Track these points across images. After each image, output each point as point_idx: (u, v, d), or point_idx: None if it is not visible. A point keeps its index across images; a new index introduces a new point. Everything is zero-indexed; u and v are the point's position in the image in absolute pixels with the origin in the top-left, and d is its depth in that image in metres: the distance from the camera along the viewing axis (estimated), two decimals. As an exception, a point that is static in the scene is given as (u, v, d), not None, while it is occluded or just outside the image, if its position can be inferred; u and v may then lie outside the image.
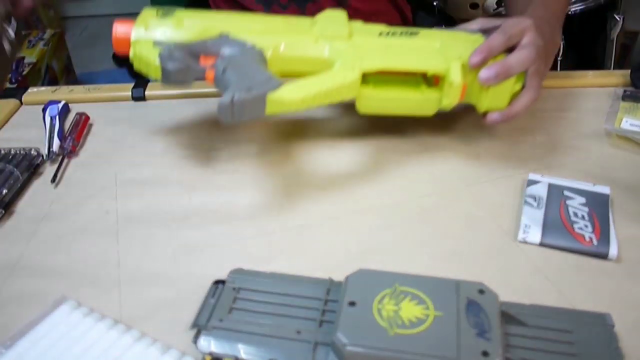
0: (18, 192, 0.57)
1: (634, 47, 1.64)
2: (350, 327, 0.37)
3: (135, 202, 0.56)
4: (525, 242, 0.49)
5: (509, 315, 0.40)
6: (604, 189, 0.53)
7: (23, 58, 1.93)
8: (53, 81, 2.06)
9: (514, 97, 0.56)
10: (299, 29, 0.58)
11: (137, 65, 0.56)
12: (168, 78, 0.52)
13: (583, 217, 0.50)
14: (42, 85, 1.94)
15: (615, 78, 0.75)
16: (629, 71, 0.74)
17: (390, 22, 0.85)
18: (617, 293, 0.44)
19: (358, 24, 0.60)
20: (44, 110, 0.69)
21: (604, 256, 0.47)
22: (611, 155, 0.60)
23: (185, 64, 0.52)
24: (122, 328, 0.41)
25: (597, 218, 0.50)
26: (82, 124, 0.68)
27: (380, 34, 0.59)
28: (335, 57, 0.56)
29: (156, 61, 0.52)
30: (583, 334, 0.39)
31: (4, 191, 0.56)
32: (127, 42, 0.56)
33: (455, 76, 0.54)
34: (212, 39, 0.55)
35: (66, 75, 2.21)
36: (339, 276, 0.46)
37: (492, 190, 0.55)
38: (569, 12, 1.21)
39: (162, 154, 0.62)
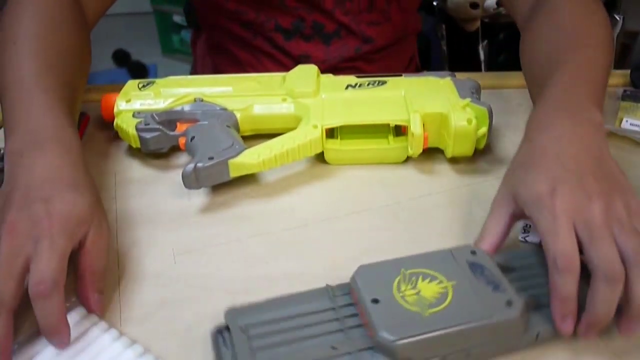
0: (18, 192, 0.57)
1: (634, 47, 1.65)
2: (388, 323, 0.37)
3: (135, 202, 0.56)
4: (525, 242, 0.49)
5: (502, 266, 0.42)
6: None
7: (23, 58, 1.92)
8: (53, 81, 2.05)
9: (481, 140, 0.56)
10: (269, 88, 0.62)
11: (120, 135, 0.61)
12: (146, 146, 0.59)
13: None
14: (42, 85, 1.93)
15: (615, 78, 0.75)
16: (629, 71, 0.75)
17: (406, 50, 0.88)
18: (617, 293, 0.44)
19: (327, 78, 0.63)
20: (43, 110, 0.68)
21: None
22: (611, 155, 0.60)
23: (160, 133, 0.58)
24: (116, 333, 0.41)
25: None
26: (82, 123, 0.68)
27: (347, 86, 0.62)
28: (302, 113, 0.59)
29: (133, 131, 0.58)
30: None
31: (4, 191, 0.55)
32: (112, 113, 0.61)
33: (415, 127, 0.55)
34: (187, 104, 0.61)
35: (66, 75, 2.20)
36: (339, 276, 0.46)
37: (493, 189, 0.55)
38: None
39: (162, 153, 0.62)
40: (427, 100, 0.58)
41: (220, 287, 0.45)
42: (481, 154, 0.60)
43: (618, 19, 1.23)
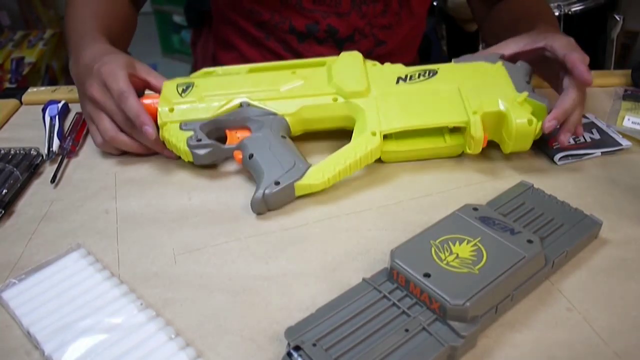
0: (18, 192, 0.57)
1: (634, 47, 1.64)
2: (451, 290, 0.39)
3: (135, 202, 0.56)
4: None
5: (501, 214, 0.47)
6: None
7: (23, 58, 1.93)
8: (53, 81, 2.06)
9: (537, 134, 0.56)
10: (316, 86, 0.59)
11: (168, 146, 0.59)
12: (199, 161, 0.57)
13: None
14: (42, 85, 1.94)
15: (616, 78, 0.75)
16: (629, 71, 0.74)
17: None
18: (617, 293, 0.44)
19: (375, 69, 0.61)
20: (43, 110, 0.69)
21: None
22: (612, 154, 0.60)
23: (213, 149, 0.56)
24: (116, 281, 0.45)
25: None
26: (82, 123, 0.68)
27: (398, 79, 0.60)
28: (355, 114, 0.58)
29: (185, 147, 0.56)
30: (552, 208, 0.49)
31: (4, 191, 0.55)
32: (153, 114, 0.58)
33: (476, 131, 0.55)
34: (234, 110, 0.58)
35: (66, 75, 2.21)
36: (339, 276, 0.46)
37: (493, 189, 0.55)
38: (569, 12, 1.21)
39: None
40: (484, 95, 0.57)
41: (220, 287, 0.45)
42: (481, 155, 0.60)
43: (618, 19, 1.23)
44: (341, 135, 0.60)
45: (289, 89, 0.60)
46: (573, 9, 1.22)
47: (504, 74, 0.59)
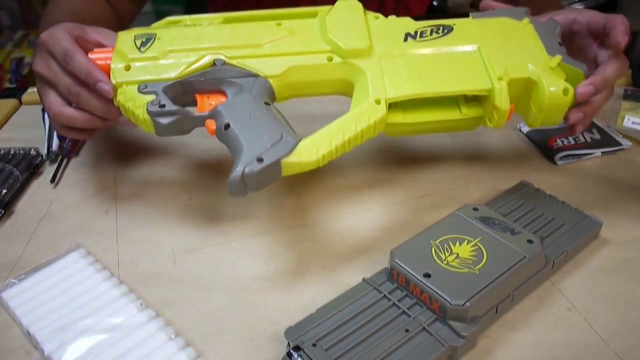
0: (18, 192, 0.57)
1: (634, 47, 1.64)
2: (451, 290, 0.39)
3: (135, 202, 0.55)
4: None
5: (501, 214, 0.48)
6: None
7: (23, 58, 1.92)
8: (53, 81, 2.05)
9: (568, 109, 0.48)
10: (307, 41, 0.49)
11: (125, 114, 0.48)
12: (162, 133, 0.47)
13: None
14: (42, 85, 1.93)
15: (615, 78, 0.74)
16: (629, 71, 0.74)
17: None
18: (618, 293, 0.44)
19: (378, 23, 0.51)
20: (43, 110, 0.68)
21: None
22: (612, 154, 0.60)
23: (179, 117, 0.46)
24: (116, 281, 0.45)
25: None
26: (82, 123, 0.68)
27: (407, 36, 0.50)
28: (354, 78, 0.49)
29: (144, 114, 0.46)
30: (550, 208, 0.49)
31: (4, 191, 0.55)
32: (106, 70, 0.48)
33: (502, 101, 0.46)
34: (205, 69, 0.48)
35: (66, 75, 2.20)
36: (338, 276, 0.46)
37: (492, 189, 0.55)
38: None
39: (162, 153, 0.62)
40: (509, 58, 0.48)
41: (220, 287, 0.45)
42: (484, 154, 0.60)
43: (618, 18, 1.23)
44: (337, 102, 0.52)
45: (274, 44, 0.49)
46: (573, 9, 1.22)
47: (532, 33, 0.50)
